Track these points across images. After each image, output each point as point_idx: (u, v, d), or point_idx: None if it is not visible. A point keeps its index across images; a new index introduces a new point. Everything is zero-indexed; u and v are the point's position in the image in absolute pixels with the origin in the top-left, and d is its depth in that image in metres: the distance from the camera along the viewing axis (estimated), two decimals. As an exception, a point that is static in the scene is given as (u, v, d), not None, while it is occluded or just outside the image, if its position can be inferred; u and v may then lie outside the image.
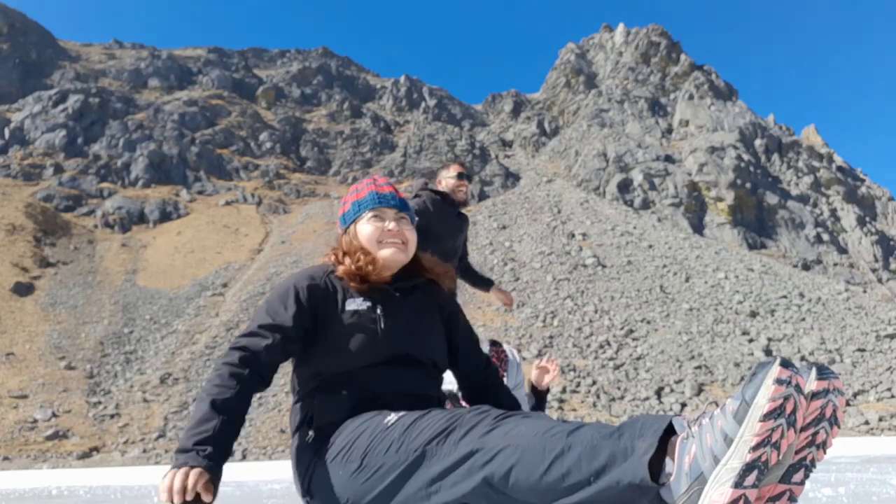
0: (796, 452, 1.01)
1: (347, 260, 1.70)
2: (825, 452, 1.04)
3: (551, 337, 28.42)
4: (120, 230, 42.96)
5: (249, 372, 1.52)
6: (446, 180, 3.60)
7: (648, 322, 29.77)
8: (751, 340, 27.68)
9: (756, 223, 50.46)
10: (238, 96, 64.16)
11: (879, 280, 48.08)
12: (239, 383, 1.48)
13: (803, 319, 30.12)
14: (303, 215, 47.42)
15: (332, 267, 1.72)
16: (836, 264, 48.11)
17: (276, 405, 22.49)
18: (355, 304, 1.63)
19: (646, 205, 50.13)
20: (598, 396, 23.26)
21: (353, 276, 1.67)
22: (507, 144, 66.70)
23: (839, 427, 1.06)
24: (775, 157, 58.69)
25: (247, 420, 19.86)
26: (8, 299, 32.14)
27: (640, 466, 1.00)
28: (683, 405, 22.49)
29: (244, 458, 19.62)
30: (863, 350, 26.64)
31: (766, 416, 0.95)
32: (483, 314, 30.89)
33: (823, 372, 1.03)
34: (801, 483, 1.05)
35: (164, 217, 45.09)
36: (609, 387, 23.92)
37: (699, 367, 25.21)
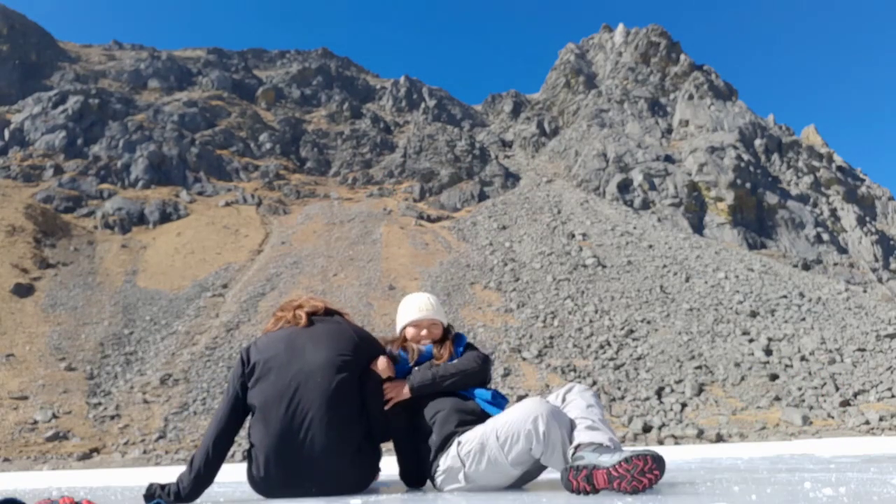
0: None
1: None
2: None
3: (551, 337, 28.42)
4: (120, 231, 42.96)
5: None
6: None
7: (648, 322, 29.77)
8: (751, 340, 27.68)
9: (756, 223, 50.48)
10: (238, 97, 64.19)
11: (879, 280, 48.09)
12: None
13: (803, 319, 30.12)
14: (303, 216, 47.43)
15: None
16: (836, 264, 48.12)
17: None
18: None
19: (646, 205, 50.14)
20: (599, 397, 23.24)
21: None
22: (506, 145, 66.73)
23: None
24: (775, 157, 58.72)
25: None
26: (8, 300, 32.15)
27: None
28: (684, 405, 22.49)
29: (244, 458, 19.62)
30: (863, 350, 26.65)
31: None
32: (483, 314, 30.90)
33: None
34: None
35: (164, 218, 45.09)
36: (609, 387, 23.92)
37: (699, 367, 25.21)
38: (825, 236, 50.85)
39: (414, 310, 2.92)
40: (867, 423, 20.32)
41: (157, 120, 55.38)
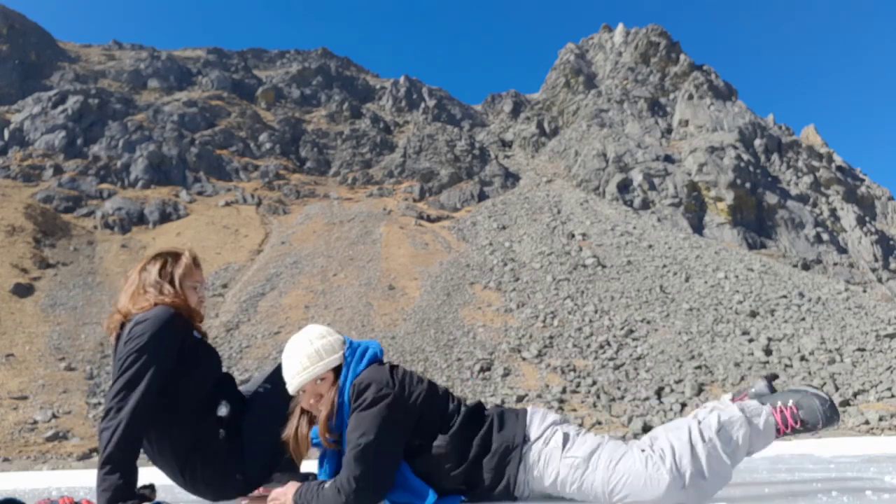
0: None
1: None
2: None
3: (551, 337, 28.42)
4: (120, 231, 42.95)
5: None
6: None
7: (648, 322, 29.77)
8: (751, 340, 27.68)
9: (756, 223, 50.47)
10: (237, 97, 64.17)
11: (879, 280, 48.09)
12: None
13: (803, 319, 30.12)
14: (302, 216, 47.43)
15: None
16: (835, 264, 48.12)
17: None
18: None
19: (645, 205, 50.14)
20: (599, 396, 23.26)
21: None
22: (506, 145, 66.71)
23: None
24: (775, 156, 58.70)
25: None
26: (8, 300, 32.14)
27: None
28: (683, 405, 22.49)
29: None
30: (863, 350, 26.65)
31: None
32: (483, 314, 30.89)
33: None
34: None
35: (164, 218, 45.09)
36: (609, 387, 23.92)
37: (699, 367, 25.21)
38: (825, 236, 50.85)
39: (287, 380, 2.02)
40: (867, 423, 20.33)
41: (157, 120, 55.37)
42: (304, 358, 1.97)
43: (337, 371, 1.98)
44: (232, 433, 2.24)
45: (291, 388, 2.00)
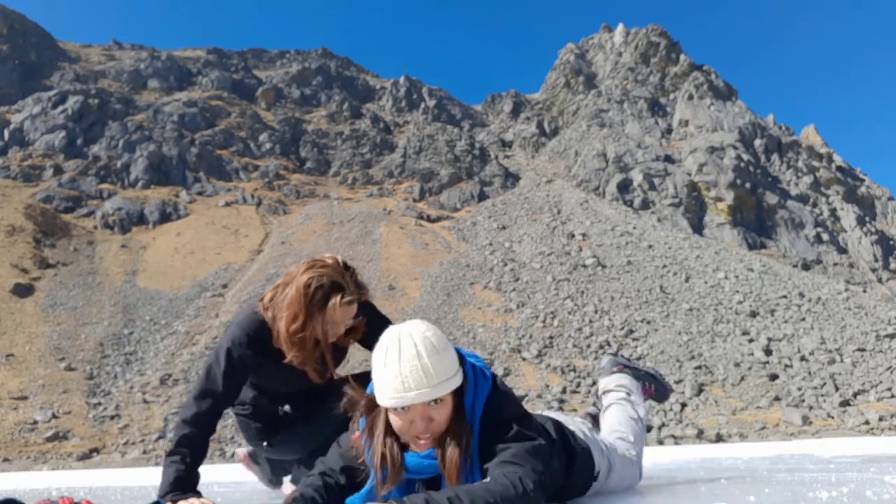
0: None
1: None
2: None
3: (551, 337, 28.42)
4: (120, 231, 42.94)
5: None
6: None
7: (648, 322, 29.77)
8: (751, 340, 27.68)
9: (756, 223, 50.47)
10: (237, 97, 64.16)
11: (879, 280, 48.08)
12: None
13: (803, 319, 30.12)
14: (302, 216, 47.43)
15: None
16: (835, 264, 48.12)
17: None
18: None
19: (645, 205, 50.13)
20: (599, 397, 23.24)
21: None
22: (506, 145, 66.71)
23: None
24: (775, 157, 58.71)
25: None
26: (7, 300, 32.14)
27: None
28: (684, 405, 22.49)
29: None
30: (863, 350, 26.65)
31: None
32: (483, 314, 30.89)
33: None
34: None
35: (164, 218, 45.08)
36: (609, 387, 23.90)
37: (699, 367, 25.21)
38: (825, 236, 50.84)
39: (390, 389, 1.48)
40: (867, 423, 20.32)
41: (157, 120, 55.36)
42: (432, 370, 1.45)
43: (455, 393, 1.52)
44: (293, 416, 2.51)
45: (403, 401, 1.45)
